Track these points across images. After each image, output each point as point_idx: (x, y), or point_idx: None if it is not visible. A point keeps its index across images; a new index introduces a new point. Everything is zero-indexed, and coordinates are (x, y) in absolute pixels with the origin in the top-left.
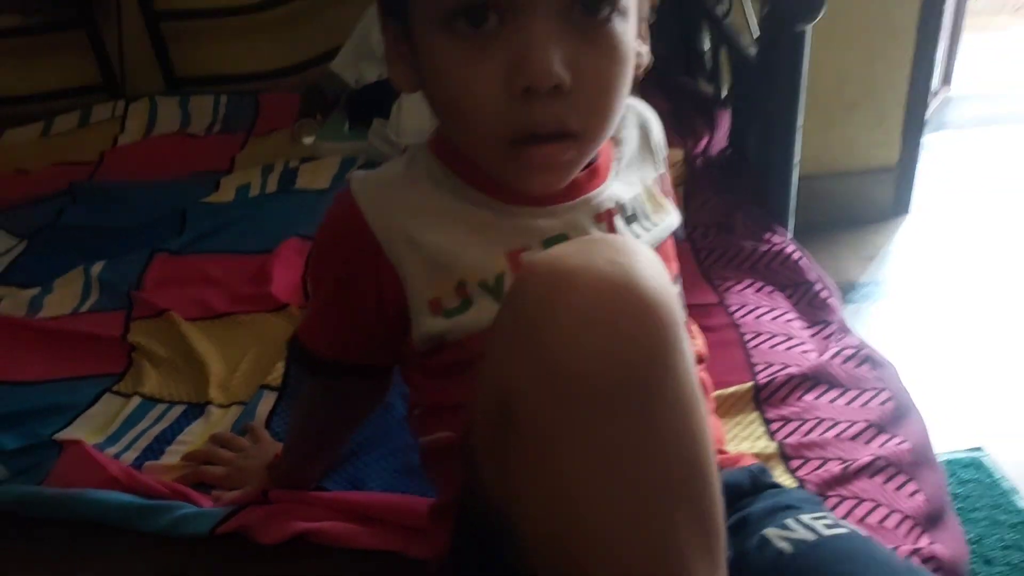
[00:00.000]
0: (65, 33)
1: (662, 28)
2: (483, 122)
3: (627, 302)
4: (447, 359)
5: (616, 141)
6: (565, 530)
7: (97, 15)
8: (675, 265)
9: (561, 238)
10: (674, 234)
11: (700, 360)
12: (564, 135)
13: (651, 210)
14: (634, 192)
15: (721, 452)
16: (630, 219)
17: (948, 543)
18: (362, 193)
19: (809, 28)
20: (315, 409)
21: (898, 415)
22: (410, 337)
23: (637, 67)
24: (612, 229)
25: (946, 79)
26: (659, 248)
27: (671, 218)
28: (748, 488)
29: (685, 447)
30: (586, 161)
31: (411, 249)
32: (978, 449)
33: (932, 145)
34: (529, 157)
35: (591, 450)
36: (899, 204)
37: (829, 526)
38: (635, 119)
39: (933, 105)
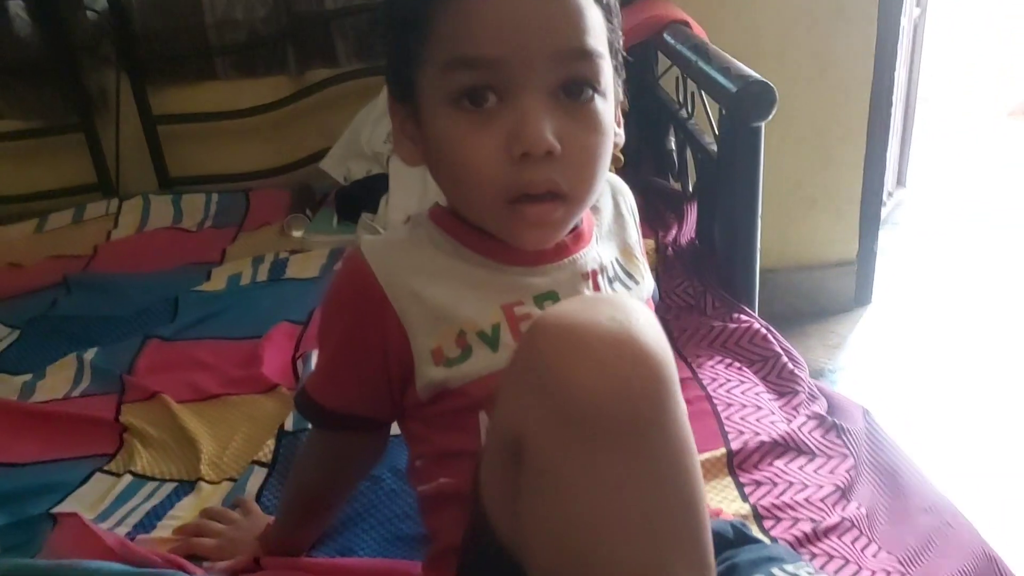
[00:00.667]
0: (64, 136)
1: (633, 132)
2: (485, 184)
3: (629, 352)
4: (448, 406)
5: (595, 210)
6: (574, 566)
7: (96, 119)
8: None
9: (550, 294)
10: (651, 297)
11: None
12: (555, 196)
13: (631, 271)
14: (613, 256)
15: None
16: (612, 280)
17: None
18: (370, 252)
19: (763, 125)
20: (316, 464)
21: (860, 479)
22: (413, 387)
23: (615, 146)
24: (596, 288)
25: (900, 181)
26: None
27: (647, 280)
28: (732, 539)
29: (684, 484)
30: (573, 222)
31: (415, 301)
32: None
33: (891, 241)
34: (524, 215)
35: (599, 486)
36: (861, 296)
37: (811, 573)
38: (609, 189)
39: (890, 205)
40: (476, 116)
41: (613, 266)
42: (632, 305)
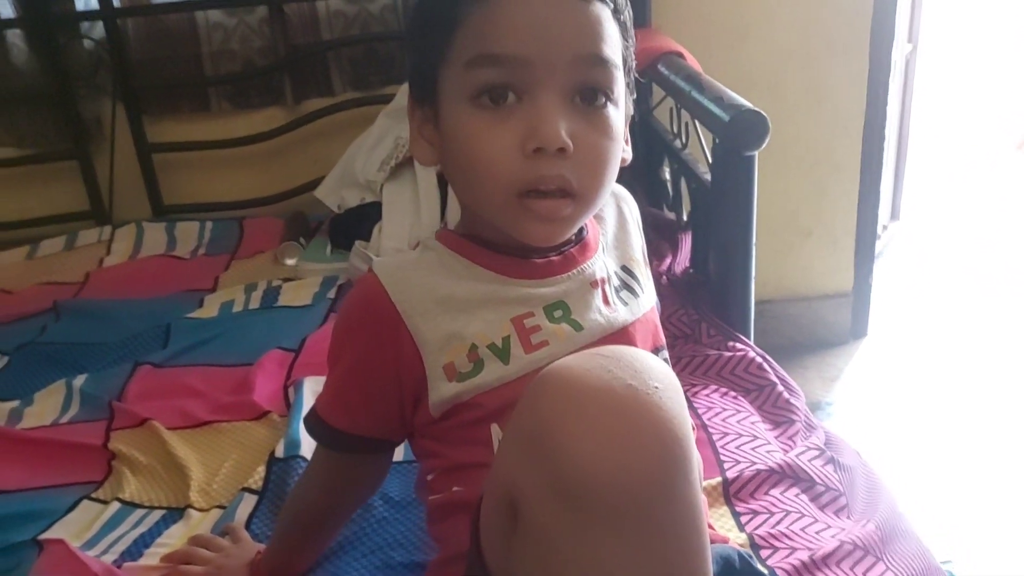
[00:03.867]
0: (58, 163)
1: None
2: (497, 177)
3: (638, 426)
4: (461, 420)
5: (599, 219)
6: None
7: (91, 147)
8: (661, 334)
9: (559, 304)
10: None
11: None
12: (564, 193)
13: (635, 280)
14: (619, 265)
15: (710, 528)
16: (618, 289)
17: None
18: (384, 273)
19: (756, 154)
20: (319, 486)
21: (863, 502)
22: (425, 406)
23: (623, 161)
24: (604, 297)
25: (894, 214)
26: (645, 316)
27: (650, 290)
28: (737, 568)
29: (687, 567)
30: (581, 222)
31: (427, 319)
32: (947, 562)
33: (886, 274)
34: (534, 208)
35: (592, 566)
36: (857, 328)
37: None
38: (613, 200)
39: (885, 238)
40: (494, 113)
41: (618, 275)
42: (653, 368)
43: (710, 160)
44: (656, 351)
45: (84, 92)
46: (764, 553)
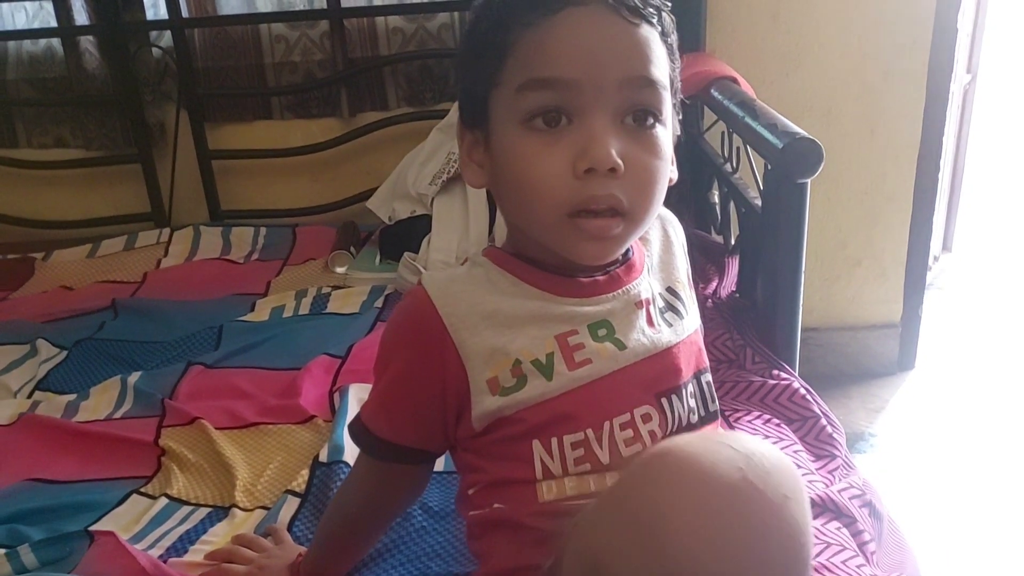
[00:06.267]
0: (121, 166)
1: (675, 184)
2: (550, 197)
3: (766, 540)
4: (502, 435)
5: (645, 241)
6: None
7: (153, 152)
8: (704, 357)
9: (603, 323)
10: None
11: None
12: (615, 212)
13: (678, 303)
14: (663, 286)
15: None
16: (662, 310)
17: None
18: (432, 286)
19: (808, 182)
20: (360, 493)
21: (889, 556)
22: (467, 419)
23: (670, 180)
24: (649, 318)
25: (946, 246)
26: (689, 338)
27: (693, 314)
28: None
29: None
30: (631, 241)
31: (473, 333)
32: None
33: (936, 306)
34: (585, 228)
35: None
36: (904, 360)
37: None
38: (659, 222)
39: (935, 270)
40: (546, 136)
41: (663, 297)
42: (785, 474)
43: (761, 186)
44: (699, 373)
45: (150, 98)
46: None
